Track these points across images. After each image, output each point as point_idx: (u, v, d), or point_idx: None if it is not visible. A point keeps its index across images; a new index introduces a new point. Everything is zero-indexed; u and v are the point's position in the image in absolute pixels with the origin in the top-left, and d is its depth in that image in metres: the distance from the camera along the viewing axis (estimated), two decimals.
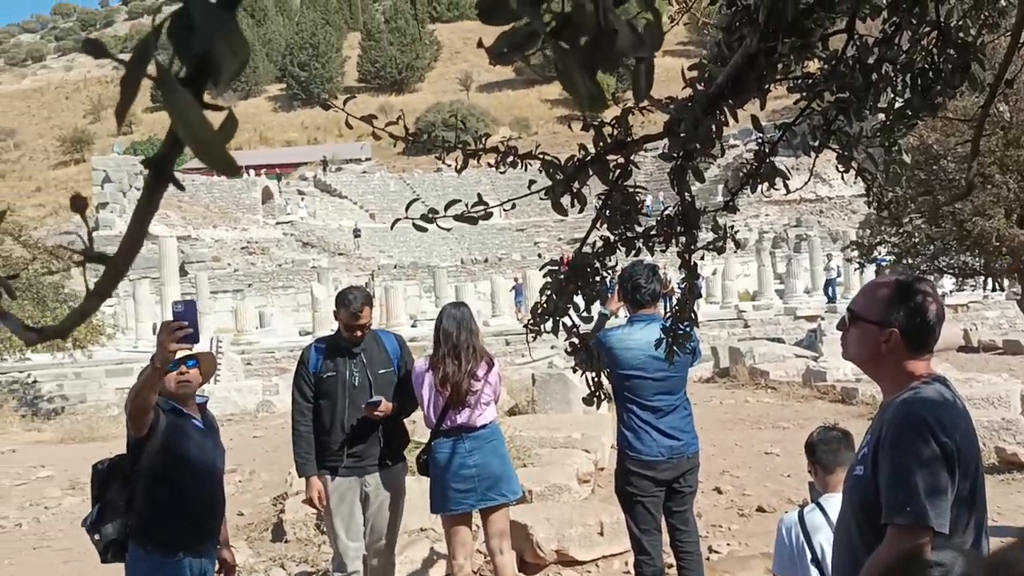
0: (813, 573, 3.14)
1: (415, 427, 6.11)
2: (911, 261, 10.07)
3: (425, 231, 1.77)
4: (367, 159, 63.17)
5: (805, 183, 2.90)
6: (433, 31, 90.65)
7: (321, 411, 4.69)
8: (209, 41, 0.52)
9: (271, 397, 16.92)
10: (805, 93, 1.95)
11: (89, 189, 41.87)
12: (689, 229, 1.91)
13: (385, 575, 4.89)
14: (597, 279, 1.97)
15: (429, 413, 4.69)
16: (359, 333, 4.67)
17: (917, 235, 9.86)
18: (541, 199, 1.71)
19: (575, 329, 2.08)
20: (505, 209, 2.31)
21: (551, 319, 2.02)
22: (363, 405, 4.58)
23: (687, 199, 1.87)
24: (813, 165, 2.33)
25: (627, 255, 2.06)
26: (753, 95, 1.62)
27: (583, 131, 1.72)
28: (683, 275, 2.06)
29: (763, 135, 2.01)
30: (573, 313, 2.02)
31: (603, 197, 1.83)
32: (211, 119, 0.54)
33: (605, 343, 4.47)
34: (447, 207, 1.72)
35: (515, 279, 31.39)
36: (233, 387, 17.35)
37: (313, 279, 32.27)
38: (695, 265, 2.02)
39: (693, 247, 1.95)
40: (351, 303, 4.61)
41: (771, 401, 12.54)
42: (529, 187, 1.87)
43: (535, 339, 2.15)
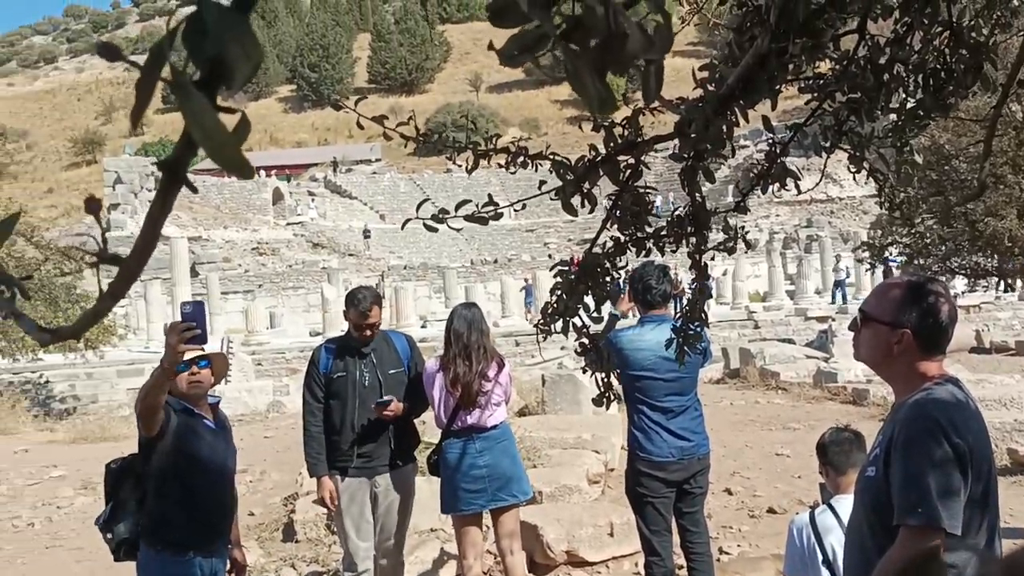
0: (824, 574, 3.13)
1: (425, 427, 6.11)
2: (923, 262, 10.02)
3: (436, 231, 1.77)
4: (377, 160, 63.29)
5: (816, 184, 2.88)
6: (443, 32, 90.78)
7: (331, 411, 4.70)
8: (222, 44, 0.52)
9: (282, 397, 16.94)
10: (816, 93, 1.94)
11: (101, 190, 42.04)
12: (700, 230, 1.91)
13: (395, 575, 4.90)
14: (607, 280, 1.97)
15: (440, 413, 4.69)
16: (368, 332, 4.68)
17: (929, 236, 9.82)
18: (552, 200, 1.71)
19: (585, 330, 2.08)
20: (516, 210, 2.30)
21: (561, 319, 2.02)
22: (372, 405, 4.59)
23: (698, 199, 1.87)
24: (824, 165, 2.32)
25: (637, 256, 2.06)
26: (764, 96, 1.61)
27: (593, 132, 1.72)
28: (694, 276, 2.06)
29: (774, 136, 2.01)
30: (583, 314, 2.02)
31: (613, 197, 1.83)
32: (224, 121, 0.55)
33: (616, 344, 4.46)
34: (458, 207, 1.72)
35: (525, 280, 31.40)
36: (244, 387, 17.39)
37: (323, 280, 32.35)
38: (706, 266, 2.02)
39: (704, 248, 1.95)
40: (360, 302, 4.62)
41: (782, 402, 12.50)
42: (540, 188, 1.87)
43: (545, 340, 2.15)
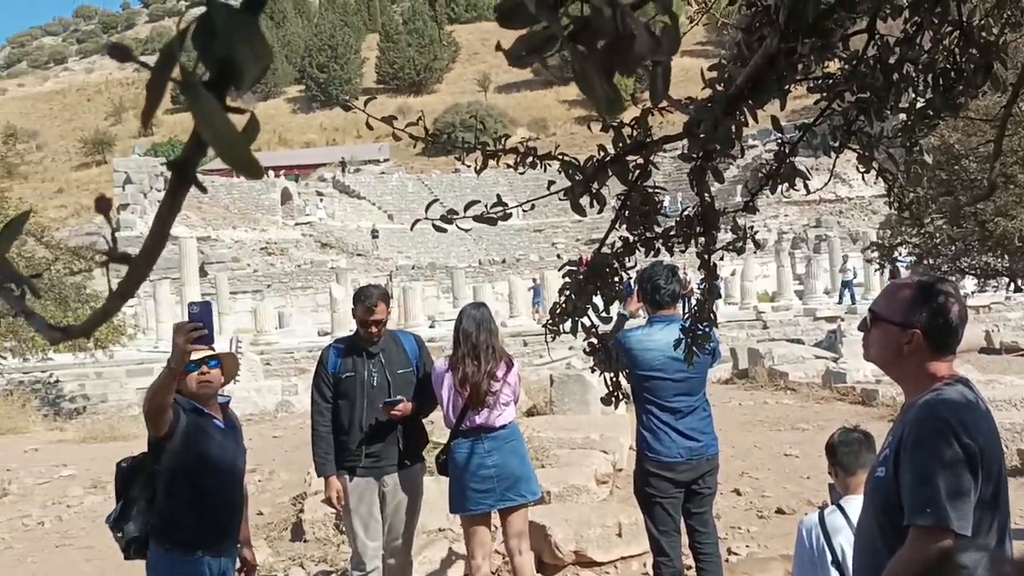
0: (833, 575, 3.13)
1: (433, 427, 6.12)
2: (932, 262, 10.00)
3: (445, 231, 1.77)
4: (385, 160, 63.35)
5: (825, 184, 2.87)
6: (451, 32, 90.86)
7: (340, 411, 4.71)
8: (232, 45, 0.52)
9: (290, 397, 16.97)
10: (825, 93, 1.94)
11: (110, 190, 42.17)
12: (708, 229, 1.91)
13: (403, 574, 4.90)
14: (616, 280, 1.97)
15: (448, 413, 4.70)
16: (374, 329, 4.68)
17: (938, 236, 9.80)
18: (560, 200, 1.71)
19: (594, 330, 2.08)
20: (524, 210, 2.31)
21: (570, 319, 2.02)
22: (381, 405, 4.59)
23: (706, 199, 1.87)
24: (833, 165, 2.32)
25: (646, 256, 2.05)
26: (773, 95, 1.61)
27: (602, 132, 1.71)
28: (702, 276, 2.06)
29: (783, 135, 2.00)
30: (592, 314, 2.02)
31: (622, 198, 1.83)
32: (234, 121, 0.55)
33: (624, 344, 4.45)
34: (467, 208, 1.73)
35: (533, 280, 31.40)
36: (252, 387, 17.41)
37: (332, 280, 32.41)
38: (714, 266, 2.01)
39: (712, 248, 1.94)
40: (367, 298, 4.65)
41: (790, 403, 12.47)
42: (548, 188, 1.87)
43: (553, 340, 2.15)
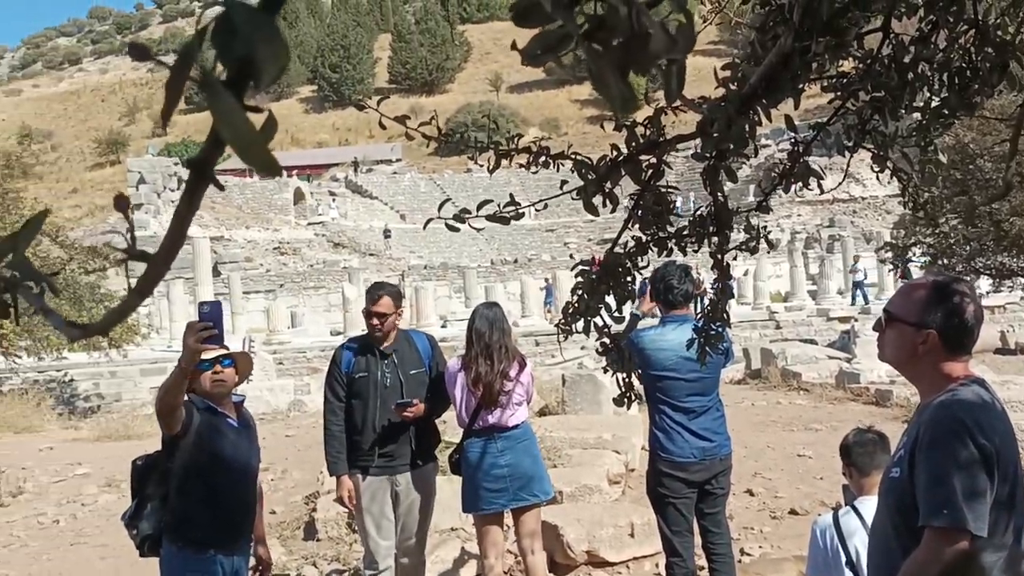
0: None
1: (446, 427, 6.12)
2: (947, 262, 9.94)
3: (457, 231, 1.78)
4: (397, 160, 63.44)
5: (839, 183, 2.86)
6: (463, 32, 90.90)
7: (353, 411, 4.72)
8: (251, 45, 0.53)
9: (303, 396, 17.02)
10: (840, 92, 1.93)
11: (124, 190, 42.35)
12: (722, 229, 1.90)
13: (416, 574, 4.91)
14: (629, 279, 1.97)
15: (461, 413, 4.70)
16: (375, 321, 4.68)
17: (953, 236, 9.74)
18: (573, 199, 1.71)
19: (606, 329, 2.08)
20: (537, 209, 2.31)
21: (583, 319, 2.02)
22: (393, 406, 4.60)
23: (720, 199, 1.86)
24: (847, 165, 2.31)
25: (659, 255, 2.05)
26: (787, 95, 1.60)
27: (614, 131, 1.72)
28: (715, 276, 2.05)
29: (797, 135, 2.00)
30: (604, 313, 2.02)
31: (635, 197, 1.83)
32: (251, 120, 0.55)
33: (637, 344, 4.45)
34: (479, 207, 1.73)
35: (545, 280, 31.38)
36: (265, 386, 17.47)
37: (344, 279, 32.46)
38: (727, 266, 2.01)
39: (725, 247, 1.94)
40: (372, 291, 4.70)
41: (803, 403, 12.41)
42: (561, 187, 1.88)
43: (566, 339, 2.15)
